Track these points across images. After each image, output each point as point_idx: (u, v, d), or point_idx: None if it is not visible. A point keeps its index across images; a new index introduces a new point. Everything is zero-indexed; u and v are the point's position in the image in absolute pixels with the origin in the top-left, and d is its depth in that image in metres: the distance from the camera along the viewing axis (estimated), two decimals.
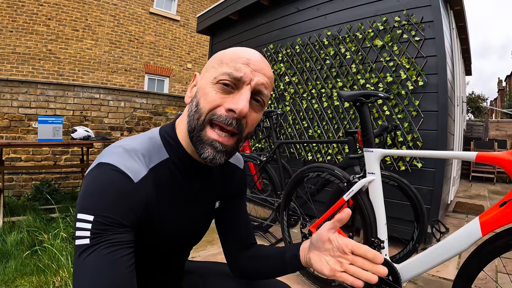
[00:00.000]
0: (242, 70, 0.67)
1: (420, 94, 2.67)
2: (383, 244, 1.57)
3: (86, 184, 0.62)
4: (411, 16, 2.73)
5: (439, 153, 1.39)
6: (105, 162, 0.63)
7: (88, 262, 0.55)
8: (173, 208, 0.75)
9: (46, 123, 3.18)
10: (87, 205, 0.58)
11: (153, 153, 0.72)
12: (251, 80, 0.68)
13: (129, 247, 0.60)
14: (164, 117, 5.61)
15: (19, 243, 2.58)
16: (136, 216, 0.63)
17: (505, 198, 1.10)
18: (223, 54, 0.71)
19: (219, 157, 0.68)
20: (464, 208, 4.17)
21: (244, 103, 0.65)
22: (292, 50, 3.81)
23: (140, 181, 0.65)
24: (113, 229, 0.58)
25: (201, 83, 0.71)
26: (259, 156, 2.91)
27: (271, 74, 0.73)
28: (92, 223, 0.57)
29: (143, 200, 0.65)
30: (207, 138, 0.67)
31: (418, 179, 2.65)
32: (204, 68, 0.75)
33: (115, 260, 0.56)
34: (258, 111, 0.73)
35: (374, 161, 1.61)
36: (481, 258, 1.20)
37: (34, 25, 7.80)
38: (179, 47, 10.47)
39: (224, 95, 0.67)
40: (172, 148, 0.74)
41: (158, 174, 0.70)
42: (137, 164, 0.66)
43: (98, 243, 0.56)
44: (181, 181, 0.76)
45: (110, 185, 0.61)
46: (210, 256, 2.52)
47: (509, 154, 1.11)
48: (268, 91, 0.72)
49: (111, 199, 0.60)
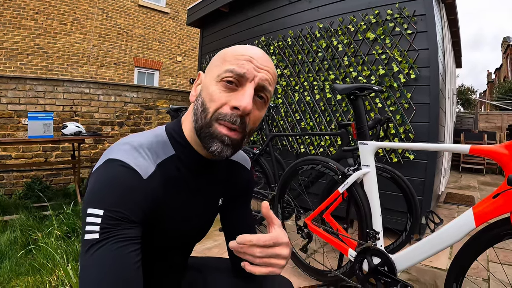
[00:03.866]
0: (245, 66, 0.68)
1: (412, 86, 2.69)
2: (378, 235, 1.59)
3: (95, 180, 0.62)
4: (404, 9, 2.74)
5: (433, 146, 1.40)
6: (114, 158, 0.64)
7: (97, 256, 0.55)
8: (180, 203, 0.76)
9: (36, 120, 3.13)
10: (96, 200, 0.59)
11: (160, 149, 0.73)
12: (255, 76, 0.68)
13: (137, 243, 0.60)
14: (155, 111, 5.57)
15: (13, 243, 2.55)
16: (144, 212, 0.63)
17: (497, 190, 1.13)
18: (226, 52, 0.72)
19: (226, 150, 0.69)
20: (455, 199, 4.24)
21: (248, 100, 0.66)
22: (284, 42, 3.79)
23: (149, 177, 0.66)
24: (123, 224, 0.58)
25: (205, 82, 0.72)
26: (252, 149, 2.92)
27: (274, 71, 0.74)
28: (102, 217, 0.57)
29: (152, 196, 0.66)
30: (217, 133, 0.68)
31: (410, 171, 2.68)
32: (207, 68, 0.76)
33: (124, 256, 0.56)
34: (261, 108, 0.74)
35: (369, 154, 1.63)
36: (474, 248, 1.22)
37: (22, 19, 7.62)
38: (169, 40, 10.34)
39: (228, 93, 0.68)
40: (178, 144, 0.75)
41: (165, 170, 0.71)
42: (145, 161, 0.67)
43: (107, 238, 0.56)
44: (187, 176, 0.77)
45: (120, 180, 0.61)
46: (206, 250, 2.53)
47: (502, 147, 1.13)
48: (272, 87, 0.73)
49: (121, 194, 0.60)
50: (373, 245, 1.57)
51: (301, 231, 2.03)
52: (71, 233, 2.64)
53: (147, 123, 5.48)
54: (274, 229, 0.70)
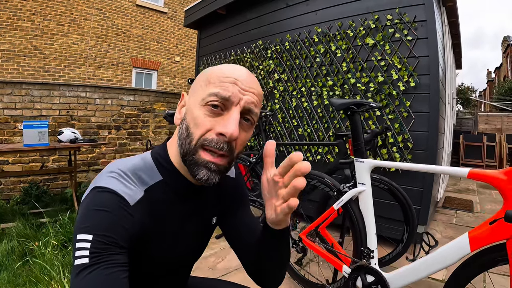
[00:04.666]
0: (229, 89, 0.66)
1: (411, 94, 2.66)
2: (372, 253, 1.58)
3: (83, 207, 0.62)
4: (404, 14, 2.70)
5: (430, 168, 1.38)
6: (101, 186, 0.64)
7: (87, 281, 0.54)
8: (168, 228, 0.75)
9: (31, 128, 3.10)
10: (85, 226, 0.58)
11: (147, 175, 0.72)
12: (240, 99, 0.67)
13: (126, 270, 0.59)
14: (152, 114, 5.55)
15: (10, 253, 2.54)
16: (131, 239, 0.63)
17: (494, 216, 1.11)
18: (210, 73, 0.70)
19: (213, 177, 0.68)
20: (453, 204, 4.22)
21: (234, 127, 0.64)
22: (282, 46, 3.76)
23: (136, 204, 0.66)
24: (112, 248, 0.58)
25: (190, 105, 0.70)
26: (248, 156, 2.91)
27: (260, 91, 0.72)
28: (91, 242, 0.56)
29: (139, 222, 0.65)
30: (202, 161, 0.66)
31: (408, 180, 2.66)
32: (191, 88, 0.74)
33: (115, 281, 0.56)
34: (248, 130, 0.72)
35: (365, 172, 1.61)
36: (468, 273, 1.22)
37: (18, 20, 7.56)
38: (167, 40, 10.28)
39: (214, 118, 0.66)
40: (165, 169, 0.74)
41: (152, 196, 0.70)
42: (132, 187, 0.67)
43: (97, 263, 0.55)
44: (175, 201, 0.75)
45: (108, 206, 0.61)
46: (201, 259, 2.51)
47: (501, 173, 1.11)
48: (257, 109, 0.71)
49: (109, 220, 0.60)
50: (367, 263, 1.55)
51: (296, 245, 2.01)
52: (68, 243, 2.63)
53: (144, 126, 5.45)
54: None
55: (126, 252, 0.61)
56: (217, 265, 2.42)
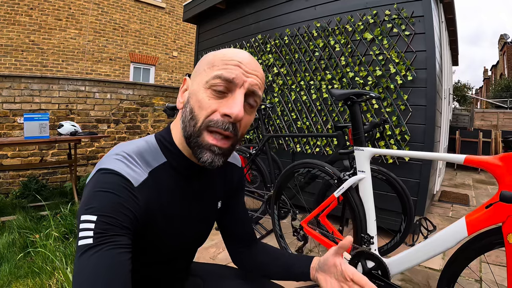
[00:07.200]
0: (233, 72, 0.67)
1: (408, 88, 2.70)
2: (372, 239, 1.62)
3: (88, 189, 0.63)
4: (402, 10, 2.73)
5: (427, 154, 1.42)
6: (105, 167, 0.65)
7: (91, 261, 0.55)
8: (174, 210, 0.76)
9: (32, 120, 3.11)
10: (90, 207, 0.59)
11: (151, 157, 0.73)
12: (244, 82, 0.68)
13: (130, 251, 0.60)
14: (151, 108, 5.55)
15: (11, 245, 2.55)
16: (137, 220, 0.64)
17: (491, 200, 1.15)
18: (214, 56, 0.71)
19: (217, 159, 0.69)
20: (449, 198, 4.27)
21: (239, 108, 0.66)
22: (281, 41, 3.78)
23: (140, 185, 0.67)
24: (116, 229, 0.58)
25: (193, 88, 0.71)
26: (248, 149, 2.93)
27: (262, 75, 0.73)
28: (95, 223, 0.57)
29: (144, 203, 0.66)
30: (206, 143, 0.68)
31: (405, 172, 2.70)
32: (194, 71, 0.75)
33: (118, 262, 0.57)
34: (251, 113, 0.73)
35: (365, 160, 1.64)
36: (466, 256, 1.25)
37: (16, 15, 7.52)
38: (165, 35, 10.26)
39: (218, 100, 0.67)
40: (169, 151, 0.75)
41: (157, 178, 0.71)
42: (136, 169, 0.68)
43: (101, 244, 0.56)
44: (180, 183, 0.77)
45: (112, 188, 0.62)
46: (202, 249, 2.54)
47: (496, 159, 1.15)
48: (261, 91, 0.73)
49: (114, 201, 0.60)
50: (367, 249, 1.59)
51: (297, 233, 2.05)
52: (69, 234, 2.64)
53: (143, 120, 5.46)
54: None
55: (130, 233, 0.62)
56: (218, 256, 2.45)
